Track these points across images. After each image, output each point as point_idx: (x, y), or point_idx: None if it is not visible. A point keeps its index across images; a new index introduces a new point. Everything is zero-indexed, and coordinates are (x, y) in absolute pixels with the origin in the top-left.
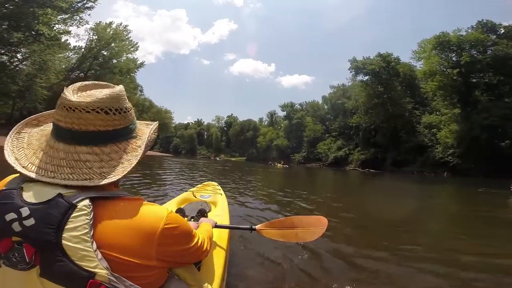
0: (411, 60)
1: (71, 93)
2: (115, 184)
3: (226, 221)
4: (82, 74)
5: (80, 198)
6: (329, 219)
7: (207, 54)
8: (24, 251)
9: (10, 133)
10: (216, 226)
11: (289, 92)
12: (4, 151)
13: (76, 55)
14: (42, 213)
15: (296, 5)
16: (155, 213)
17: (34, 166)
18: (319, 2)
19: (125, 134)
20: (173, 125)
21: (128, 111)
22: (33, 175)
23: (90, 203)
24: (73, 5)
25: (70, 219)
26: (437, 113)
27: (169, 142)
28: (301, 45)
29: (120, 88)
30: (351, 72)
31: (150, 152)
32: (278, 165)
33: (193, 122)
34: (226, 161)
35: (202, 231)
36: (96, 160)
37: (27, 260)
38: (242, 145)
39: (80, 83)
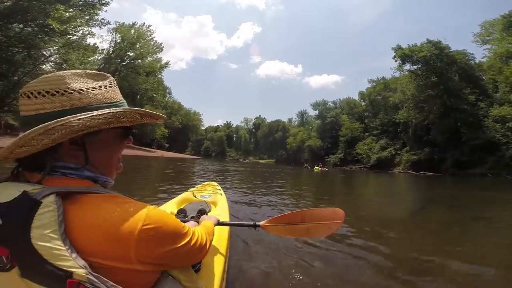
0: (475, 43)
1: None
2: (102, 182)
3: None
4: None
5: (44, 194)
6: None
7: (234, 58)
8: None
9: None
10: (219, 224)
11: (318, 92)
12: None
13: (102, 59)
14: (9, 213)
15: (318, 4)
16: (132, 212)
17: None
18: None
19: (52, 119)
20: (203, 128)
21: (63, 94)
22: None
23: (56, 199)
24: (87, 0)
25: (35, 217)
26: (507, 104)
27: (200, 144)
28: (328, 44)
29: (68, 71)
30: (396, 61)
31: (180, 155)
32: (316, 168)
33: (223, 125)
34: (255, 164)
35: (200, 227)
36: None
37: (5, 261)
38: (270, 147)
39: None
